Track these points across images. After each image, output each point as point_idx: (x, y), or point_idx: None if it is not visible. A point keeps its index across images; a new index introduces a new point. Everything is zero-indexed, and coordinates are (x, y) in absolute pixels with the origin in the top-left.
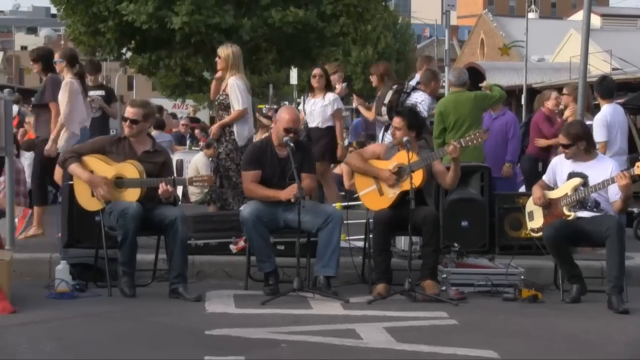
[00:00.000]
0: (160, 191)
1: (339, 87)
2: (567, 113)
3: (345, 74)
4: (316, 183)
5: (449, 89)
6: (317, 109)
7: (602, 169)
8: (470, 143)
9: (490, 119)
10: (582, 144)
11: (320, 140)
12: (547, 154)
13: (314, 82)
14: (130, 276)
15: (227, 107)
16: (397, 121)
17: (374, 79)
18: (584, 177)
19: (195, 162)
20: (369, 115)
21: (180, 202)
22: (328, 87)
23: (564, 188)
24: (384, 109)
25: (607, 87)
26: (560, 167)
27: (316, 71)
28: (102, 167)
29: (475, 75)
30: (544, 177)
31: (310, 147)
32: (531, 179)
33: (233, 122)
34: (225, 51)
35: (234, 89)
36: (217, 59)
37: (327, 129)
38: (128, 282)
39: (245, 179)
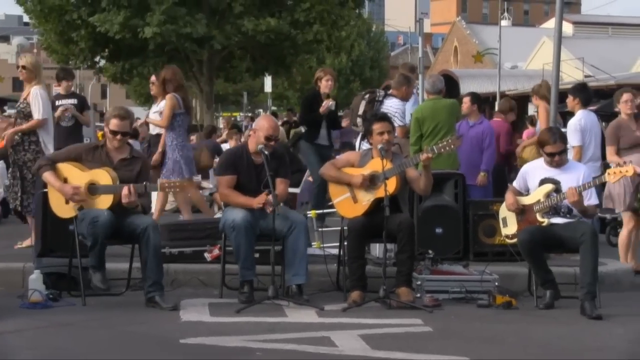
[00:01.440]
0: (123, 193)
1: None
2: (540, 112)
3: (334, 79)
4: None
5: (423, 96)
6: (151, 116)
7: (574, 175)
8: (443, 150)
9: (467, 127)
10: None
11: (154, 147)
12: (508, 160)
13: (150, 90)
14: (102, 272)
15: (27, 116)
16: (384, 126)
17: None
18: (556, 182)
19: None
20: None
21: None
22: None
23: (537, 194)
24: (359, 120)
25: (589, 95)
26: (531, 173)
27: (151, 78)
28: (76, 174)
29: (448, 83)
30: (515, 184)
31: (285, 154)
32: (498, 186)
33: (33, 131)
34: (29, 60)
35: (37, 98)
36: (21, 69)
37: (158, 136)
38: (100, 278)
39: (221, 183)
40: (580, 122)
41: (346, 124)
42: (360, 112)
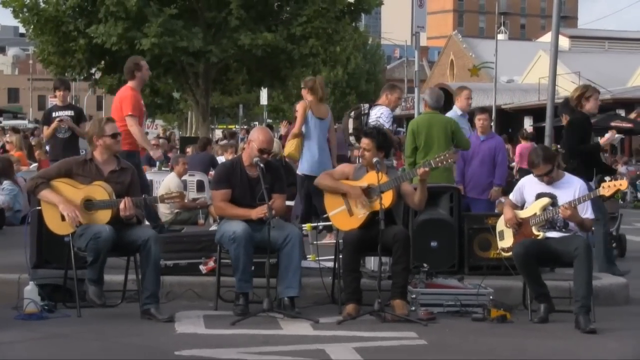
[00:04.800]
0: (121, 206)
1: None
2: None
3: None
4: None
5: (419, 110)
6: None
7: (570, 188)
8: (440, 164)
9: (478, 141)
10: (556, 163)
11: None
12: None
13: None
14: (99, 286)
15: None
16: (365, 142)
17: None
18: (552, 196)
19: (167, 183)
20: None
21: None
22: None
23: (533, 208)
24: (352, 138)
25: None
26: (528, 187)
27: None
28: (71, 191)
29: (444, 96)
30: (511, 197)
31: (280, 167)
32: None
33: None
34: None
35: None
36: None
37: None
38: (97, 292)
39: (216, 197)
40: None
41: None
42: (351, 130)
